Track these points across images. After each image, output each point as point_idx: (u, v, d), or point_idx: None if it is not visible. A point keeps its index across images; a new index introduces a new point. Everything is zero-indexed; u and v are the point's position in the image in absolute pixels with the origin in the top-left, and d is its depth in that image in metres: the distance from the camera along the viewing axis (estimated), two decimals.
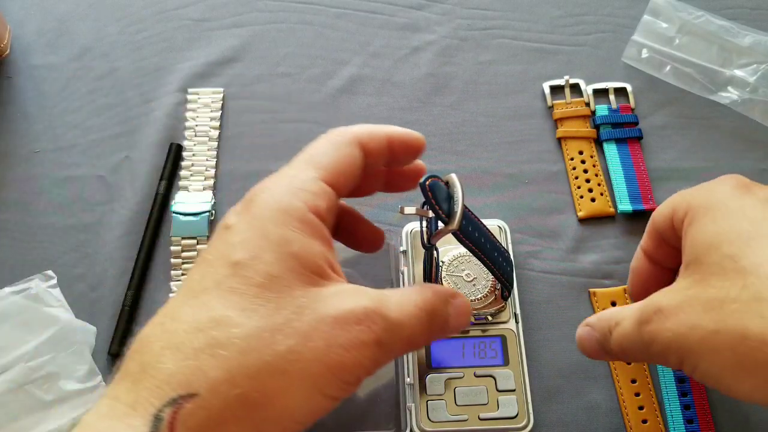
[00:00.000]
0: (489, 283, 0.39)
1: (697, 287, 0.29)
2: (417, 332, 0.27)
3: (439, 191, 0.28)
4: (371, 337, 0.25)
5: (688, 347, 0.29)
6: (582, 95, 0.50)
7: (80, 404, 0.37)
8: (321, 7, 0.54)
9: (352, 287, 0.27)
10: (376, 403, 0.39)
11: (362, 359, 0.25)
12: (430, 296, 0.28)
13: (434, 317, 0.28)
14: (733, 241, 0.29)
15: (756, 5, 0.54)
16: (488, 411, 0.38)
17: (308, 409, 0.25)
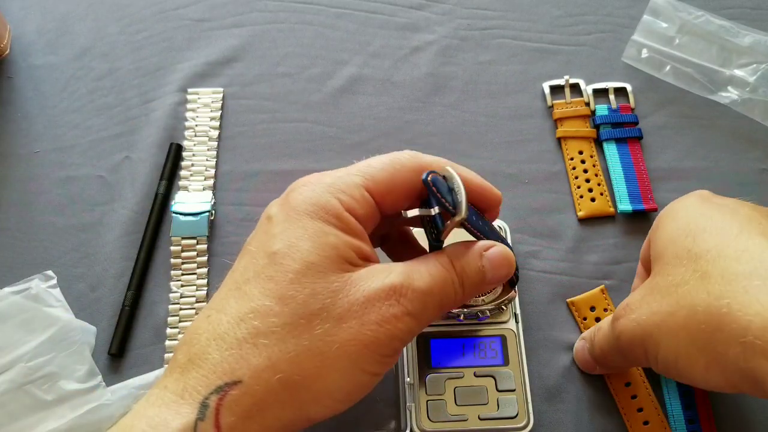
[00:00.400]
0: None
1: (657, 278, 0.32)
2: (449, 293, 0.28)
3: (440, 185, 0.29)
4: (401, 310, 0.26)
5: (649, 333, 0.31)
6: (582, 95, 0.50)
7: (80, 404, 0.37)
8: (321, 7, 0.54)
9: (382, 266, 0.28)
10: (376, 403, 0.39)
11: (395, 332, 0.26)
12: (461, 254, 0.29)
13: (467, 274, 0.29)
14: (689, 234, 0.32)
15: (756, 5, 0.54)
16: (488, 411, 0.38)
17: (349, 386, 0.27)
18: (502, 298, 0.37)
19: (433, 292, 0.28)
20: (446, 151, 0.48)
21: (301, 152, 0.48)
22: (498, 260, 0.30)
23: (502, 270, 0.30)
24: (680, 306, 0.29)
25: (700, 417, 0.39)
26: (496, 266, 0.30)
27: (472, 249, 0.30)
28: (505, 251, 0.30)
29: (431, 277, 0.28)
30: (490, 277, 0.30)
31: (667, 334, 0.30)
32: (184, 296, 0.43)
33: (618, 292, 0.43)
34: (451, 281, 0.28)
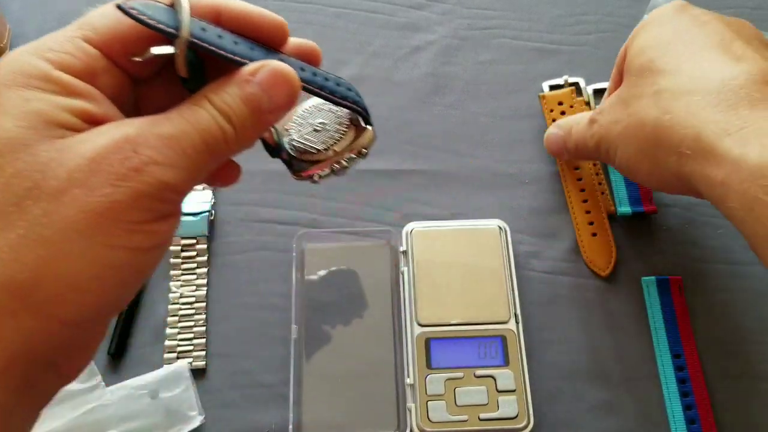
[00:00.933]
0: (343, 118, 0.32)
1: (623, 88, 0.36)
2: (214, 133, 0.23)
3: (150, 9, 0.23)
4: (141, 160, 0.22)
5: (611, 138, 0.37)
6: (582, 94, 0.50)
7: (80, 404, 0.37)
8: (321, 7, 0.54)
9: (115, 123, 0.23)
10: (376, 403, 0.39)
11: (141, 187, 0.21)
12: (219, 87, 0.24)
13: (232, 107, 0.24)
14: (655, 47, 0.35)
15: (757, 5, 0.54)
16: (488, 411, 0.38)
17: (96, 270, 0.21)
18: (356, 140, 0.31)
19: (188, 133, 0.23)
20: (446, 151, 0.48)
21: None
22: (271, 80, 0.24)
23: (281, 89, 0.25)
24: (634, 118, 0.34)
25: (701, 417, 0.39)
26: (270, 87, 0.24)
27: (234, 77, 0.24)
28: (278, 66, 0.25)
29: (182, 118, 0.23)
30: (267, 102, 0.24)
31: (623, 142, 0.35)
32: (183, 296, 0.42)
33: (619, 291, 0.43)
34: (210, 118, 0.23)
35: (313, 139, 0.32)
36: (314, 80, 0.27)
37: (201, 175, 0.24)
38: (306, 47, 0.28)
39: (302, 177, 0.32)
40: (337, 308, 0.42)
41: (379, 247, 0.44)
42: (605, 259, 0.43)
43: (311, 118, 0.32)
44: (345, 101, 0.29)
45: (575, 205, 0.44)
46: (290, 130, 0.32)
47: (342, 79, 0.29)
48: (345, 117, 0.32)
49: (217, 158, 0.24)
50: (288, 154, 0.30)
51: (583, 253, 0.43)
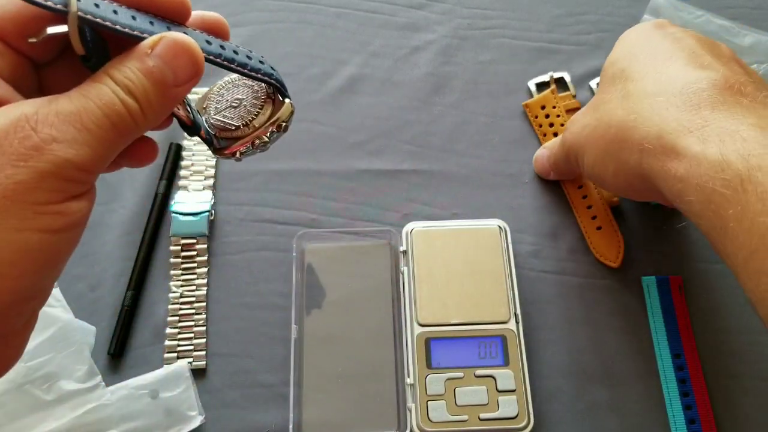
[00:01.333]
0: (260, 93, 0.31)
1: (595, 97, 0.38)
2: (117, 109, 0.23)
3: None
4: (40, 138, 0.21)
5: (580, 144, 0.37)
6: (568, 89, 0.50)
7: (80, 404, 0.37)
8: (321, 7, 0.54)
9: (14, 104, 0.22)
10: (376, 403, 0.39)
11: (44, 167, 0.21)
12: (119, 62, 0.23)
13: (133, 81, 0.23)
14: (626, 57, 0.36)
15: (757, 5, 0.54)
16: (488, 411, 0.38)
17: (6, 254, 0.21)
18: (274, 114, 0.31)
19: (89, 110, 0.22)
20: (446, 151, 0.48)
21: (301, 152, 0.48)
22: (170, 51, 0.24)
23: (182, 60, 0.24)
24: (601, 121, 0.35)
25: (701, 417, 0.39)
26: (171, 59, 0.24)
27: (134, 51, 0.24)
28: (177, 37, 0.24)
29: (81, 95, 0.22)
30: (170, 75, 0.24)
31: (591, 145, 0.36)
32: (183, 296, 0.42)
33: (619, 291, 0.43)
34: (112, 93, 0.23)
35: (231, 116, 0.31)
36: (222, 53, 0.27)
37: (110, 152, 0.23)
38: (211, 19, 0.27)
39: (224, 155, 0.31)
40: (337, 308, 0.42)
41: (379, 247, 0.44)
42: (614, 250, 0.43)
43: (228, 95, 0.31)
44: (257, 74, 0.28)
45: (575, 202, 0.45)
46: (208, 108, 0.31)
47: (253, 52, 0.29)
48: (262, 91, 0.31)
49: (125, 135, 0.24)
50: (207, 132, 0.30)
51: (592, 248, 0.44)
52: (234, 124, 0.30)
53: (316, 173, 0.47)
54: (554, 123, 0.48)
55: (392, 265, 0.43)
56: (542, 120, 0.48)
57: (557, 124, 0.48)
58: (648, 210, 0.46)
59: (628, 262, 0.44)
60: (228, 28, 0.28)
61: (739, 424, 0.40)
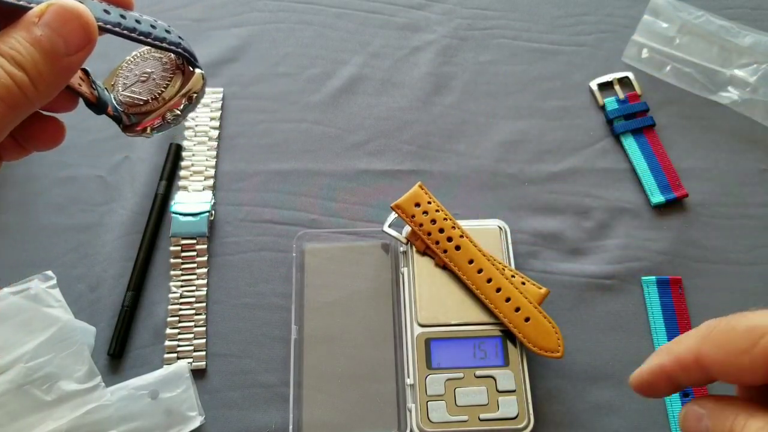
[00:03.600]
0: (168, 65, 0.30)
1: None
2: (4, 79, 0.22)
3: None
4: None
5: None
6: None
7: (80, 405, 0.37)
8: (321, 7, 0.54)
9: None
10: (376, 403, 0.39)
11: None
12: (6, 32, 0.22)
13: (21, 51, 0.22)
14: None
15: (756, 5, 0.54)
16: (488, 412, 0.38)
17: None
18: (184, 86, 0.29)
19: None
20: (446, 151, 0.48)
21: (301, 152, 0.48)
22: (59, 18, 0.23)
23: (71, 26, 0.23)
24: None
25: None
26: (60, 26, 0.23)
27: (21, 22, 0.22)
28: (65, 4, 0.23)
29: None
30: (60, 43, 0.23)
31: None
32: (183, 296, 0.42)
33: (619, 291, 0.43)
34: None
35: (139, 90, 0.29)
36: (121, 22, 0.25)
37: (2, 128, 0.22)
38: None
39: (135, 132, 0.29)
40: (337, 308, 0.42)
41: (379, 247, 0.44)
42: (551, 340, 0.39)
43: (136, 69, 0.30)
44: (162, 43, 0.27)
45: (500, 308, 0.39)
46: (116, 85, 0.30)
47: (159, 22, 0.27)
48: (171, 63, 0.29)
49: (16, 109, 0.22)
50: (114, 109, 0.28)
51: (526, 343, 0.39)
52: (143, 99, 0.28)
53: (316, 173, 0.47)
54: (436, 219, 0.41)
55: (392, 265, 0.43)
56: (420, 218, 0.41)
57: (439, 219, 0.41)
58: (647, 210, 0.46)
59: (628, 262, 0.44)
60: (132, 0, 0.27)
61: None
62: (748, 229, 0.46)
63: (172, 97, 0.29)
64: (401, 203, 0.41)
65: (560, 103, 0.50)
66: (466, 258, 0.40)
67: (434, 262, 0.41)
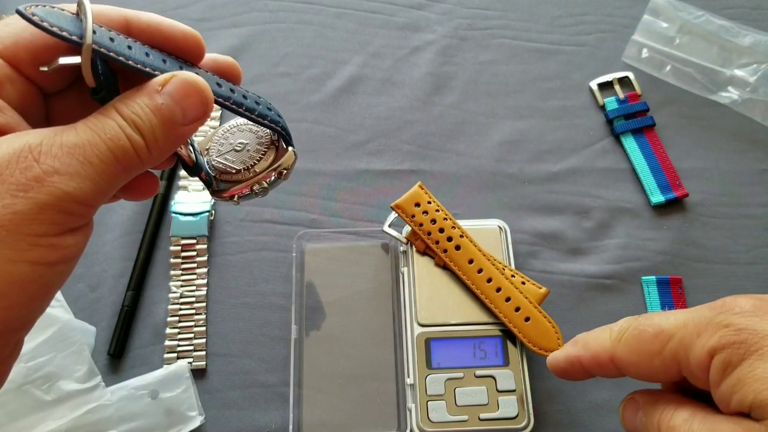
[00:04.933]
0: (264, 139, 0.32)
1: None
2: (123, 145, 0.22)
3: (52, 15, 0.22)
4: (42, 169, 0.21)
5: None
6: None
7: (80, 404, 0.37)
8: (321, 7, 0.54)
9: (20, 132, 0.22)
10: (376, 403, 0.39)
11: (43, 198, 0.20)
12: (128, 98, 0.23)
13: (141, 117, 0.23)
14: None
15: (756, 5, 0.54)
16: (488, 411, 0.38)
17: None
18: (276, 161, 0.31)
19: (94, 143, 0.22)
20: (446, 151, 0.48)
21: (301, 152, 0.48)
22: (182, 90, 0.24)
23: (192, 99, 0.24)
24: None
25: None
26: (181, 98, 0.24)
27: (144, 88, 0.23)
28: (189, 77, 0.24)
29: (87, 127, 0.22)
30: (179, 113, 0.24)
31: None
32: (183, 296, 0.42)
33: (619, 291, 0.43)
34: (118, 128, 0.22)
35: (233, 159, 0.31)
36: (230, 96, 0.27)
37: (112, 187, 0.23)
38: (224, 63, 0.27)
39: (222, 197, 0.31)
40: (337, 308, 0.42)
41: (379, 247, 0.44)
42: (551, 339, 0.39)
43: (232, 138, 0.31)
44: (264, 120, 0.28)
45: (500, 308, 0.39)
46: (210, 150, 0.31)
47: (262, 98, 0.29)
48: (266, 137, 0.31)
49: (129, 170, 0.23)
50: (207, 174, 0.30)
51: (526, 343, 0.39)
52: (235, 168, 0.30)
53: (316, 173, 0.47)
54: (436, 219, 0.41)
55: (392, 265, 0.43)
56: (421, 218, 0.41)
57: (439, 219, 0.41)
58: (647, 210, 0.46)
59: (628, 262, 0.44)
60: (240, 73, 0.28)
61: None
62: (748, 229, 0.46)
63: (263, 170, 0.30)
64: (401, 203, 0.41)
65: (560, 103, 0.50)
66: (466, 258, 0.40)
67: (434, 262, 0.41)
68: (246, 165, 0.30)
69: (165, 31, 0.25)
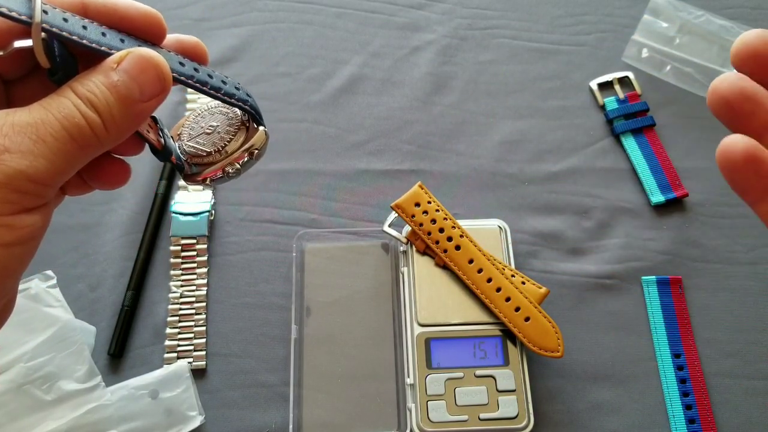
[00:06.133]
0: (234, 120, 0.31)
1: None
2: (78, 123, 0.22)
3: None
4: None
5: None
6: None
7: (80, 404, 0.37)
8: (321, 7, 0.54)
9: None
10: (376, 403, 0.39)
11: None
12: (85, 76, 0.23)
13: (97, 95, 0.23)
14: None
15: (756, 5, 0.54)
16: (488, 411, 0.38)
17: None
18: (247, 141, 0.30)
19: (46, 121, 0.22)
20: (446, 150, 0.48)
21: (301, 152, 0.48)
22: (138, 66, 0.23)
23: (149, 74, 0.23)
24: None
25: (701, 417, 0.39)
26: (138, 74, 0.23)
27: (100, 67, 0.23)
28: (145, 52, 0.23)
29: (41, 107, 0.22)
30: (136, 90, 0.23)
31: None
32: (183, 296, 0.42)
33: (620, 291, 0.43)
34: (72, 106, 0.22)
35: (203, 142, 0.31)
36: (194, 75, 0.26)
37: (69, 166, 0.22)
38: (189, 43, 0.27)
39: (195, 181, 0.30)
40: (337, 308, 0.42)
41: (379, 247, 0.44)
42: (551, 339, 0.39)
43: (203, 122, 0.31)
44: (231, 99, 0.28)
45: (500, 308, 0.39)
46: (182, 135, 0.31)
47: (229, 78, 0.28)
48: (236, 119, 0.31)
49: (86, 150, 0.23)
50: (178, 158, 0.29)
51: (526, 343, 0.39)
52: (206, 150, 0.30)
53: (316, 173, 0.47)
54: (436, 219, 0.41)
55: (392, 265, 0.43)
56: (421, 218, 0.41)
57: (439, 219, 0.41)
58: (647, 210, 0.46)
59: (628, 262, 0.44)
60: (206, 53, 0.27)
61: (739, 424, 0.40)
62: (748, 229, 0.46)
63: (234, 151, 0.30)
64: (401, 203, 0.41)
65: (560, 102, 0.50)
66: (466, 258, 0.40)
67: (434, 262, 0.41)
68: (217, 147, 0.30)
69: (122, 11, 0.25)
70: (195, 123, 0.31)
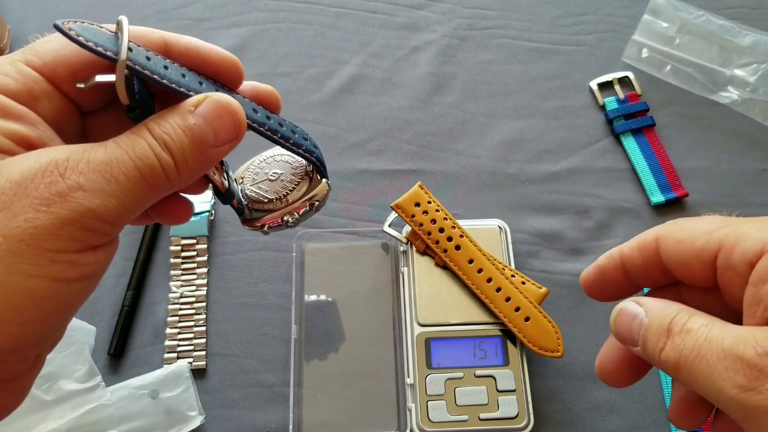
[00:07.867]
0: (298, 170, 0.31)
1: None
2: (151, 163, 0.22)
3: (90, 32, 0.23)
4: (66, 185, 0.20)
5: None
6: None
7: (80, 404, 0.37)
8: (321, 7, 0.54)
9: (50, 147, 0.22)
10: (376, 403, 0.39)
11: (65, 214, 0.20)
12: (161, 117, 0.23)
13: (172, 137, 0.23)
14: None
15: (757, 5, 0.54)
16: (488, 411, 0.38)
17: (16, 300, 0.20)
18: (309, 192, 0.31)
19: (121, 160, 0.21)
20: (446, 150, 0.48)
21: None
22: (214, 111, 0.23)
23: (224, 120, 0.24)
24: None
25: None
26: (214, 119, 0.23)
27: (177, 108, 0.23)
28: (223, 98, 0.24)
29: (116, 145, 0.22)
30: (210, 134, 0.23)
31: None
32: (183, 296, 0.42)
33: None
34: (147, 146, 0.22)
35: (266, 188, 0.31)
36: (266, 123, 0.26)
37: (138, 206, 0.22)
38: (264, 91, 0.28)
39: (253, 226, 0.31)
40: (337, 308, 0.42)
41: (379, 247, 0.44)
42: (551, 339, 0.39)
43: (267, 168, 0.31)
44: (298, 149, 0.28)
45: (500, 308, 0.40)
46: (245, 179, 0.31)
47: (299, 128, 0.29)
48: (300, 168, 0.31)
49: (156, 190, 0.23)
50: (239, 202, 0.30)
51: (526, 343, 0.39)
52: (268, 197, 0.30)
53: None
54: (436, 219, 0.41)
55: (392, 265, 0.43)
56: (421, 218, 0.41)
57: (439, 219, 0.41)
58: (647, 210, 0.46)
59: None
60: (279, 101, 0.28)
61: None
62: None
63: (296, 200, 0.30)
64: (401, 203, 0.41)
65: (560, 102, 0.50)
66: (466, 258, 0.40)
67: (434, 262, 0.41)
68: (279, 195, 0.30)
69: (203, 54, 0.25)
70: (259, 168, 0.32)
